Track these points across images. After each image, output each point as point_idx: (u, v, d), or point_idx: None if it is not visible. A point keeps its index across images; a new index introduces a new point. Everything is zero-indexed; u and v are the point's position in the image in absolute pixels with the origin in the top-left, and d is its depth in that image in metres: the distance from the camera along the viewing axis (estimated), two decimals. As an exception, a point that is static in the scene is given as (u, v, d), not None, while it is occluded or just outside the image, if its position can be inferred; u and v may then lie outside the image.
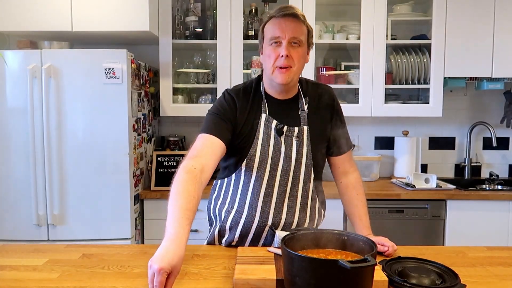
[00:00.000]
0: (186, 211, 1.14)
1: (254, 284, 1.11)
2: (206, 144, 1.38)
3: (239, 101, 1.48)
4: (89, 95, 2.41)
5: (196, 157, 1.32)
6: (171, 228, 1.09)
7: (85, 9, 2.50)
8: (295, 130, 1.48)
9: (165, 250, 1.03)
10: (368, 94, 2.84)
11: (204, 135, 1.41)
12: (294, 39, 1.40)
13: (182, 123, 3.19)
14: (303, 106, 1.52)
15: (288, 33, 1.39)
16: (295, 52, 1.41)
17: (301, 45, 1.42)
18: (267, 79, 1.49)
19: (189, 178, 1.23)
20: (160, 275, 0.97)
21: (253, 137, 1.46)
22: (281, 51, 1.40)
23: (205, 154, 1.35)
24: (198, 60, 2.97)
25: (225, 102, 1.49)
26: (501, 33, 2.78)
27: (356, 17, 2.87)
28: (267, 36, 1.44)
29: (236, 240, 1.51)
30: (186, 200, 1.16)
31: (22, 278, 1.24)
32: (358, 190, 1.60)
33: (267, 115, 1.48)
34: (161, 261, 0.99)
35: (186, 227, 1.10)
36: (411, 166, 3.04)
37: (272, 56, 1.42)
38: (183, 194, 1.18)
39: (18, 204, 2.47)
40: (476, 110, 3.21)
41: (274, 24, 1.42)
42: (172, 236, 1.07)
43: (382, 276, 1.13)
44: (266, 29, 1.46)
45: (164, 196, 2.62)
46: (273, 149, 1.47)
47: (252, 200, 1.47)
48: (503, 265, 1.35)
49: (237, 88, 1.53)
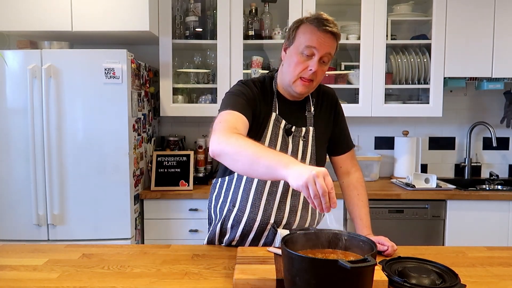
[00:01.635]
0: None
1: (254, 284, 1.11)
2: (237, 120, 1.33)
3: (258, 92, 1.47)
4: (89, 95, 2.41)
5: (233, 128, 1.27)
6: (282, 156, 1.10)
7: (85, 9, 2.50)
8: (302, 131, 1.50)
9: (303, 166, 1.03)
10: (368, 94, 2.84)
11: (229, 111, 1.34)
12: (326, 54, 1.39)
13: (182, 123, 3.19)
14: (310, 108, 1.54)
15: (323, 49, 1.38)
16: (321, 69, 1.41)
17: (328, 62, 1.43)
18: (284, 82, 1.49)
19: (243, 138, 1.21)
20: (327, 175, 1.00)
21: (260, 135, 1.46)
22: (311, 65, 1.39)
23: (240, 129, 1.30)
24: (198, 60, 2.97)
25: (247, 87, 1.46)
26: (501, 33, 2.78)
27: (356, 17, 2.87)
28: (301, 42, 1.39)
29: (237, 239, 1.51)
30: (260, 146, 1.18)
31: (22, 278, 1.24)
32: (359, 190, 1.61)
33: (276, 114, 1.49)
34: (314, 168, 1.00)
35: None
36: (411, 166, 3.04)
37: (299, 66, 1.40)
38: (253, 142, 1.18)
39: (18, 204, 2.47)
40: (476, 110, 3.21)
41: (312, 34, 1.38)
42: (290, 160, 1.07)
43: (382, 276, 1.13)
44: (300, 32, 1.41)
45: (164, 196, 2.62)
46: (280, 149, 1.47)
47: (255, 199, 1.47)
48: (503, 265, 1.35)
49: (253, 80, 1.52)
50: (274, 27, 2.90)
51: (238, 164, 1.18)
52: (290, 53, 1.43)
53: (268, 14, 2.90)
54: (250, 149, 1.14)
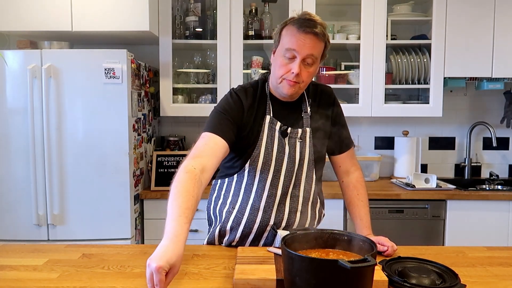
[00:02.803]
0: (185, 210, 1.13)
1: (254, 284, 1.11)
2: (209, 144, 1.37)
3: (246, 102, 1.47)
4: (89, 95, 2.41)
5: (197, 157, 1.31)
6: (170, 227, 1.09)
7: (85, 9, 2.50)
8: (298, 132, 1.49)
9: (164, 248, 1.03)
10: (368, 94, 2.84)
11: (208, 134, 1.39)
12: (309, 56, 1.37)
13: (182, 123, 3.19)
14: (306, 109, 1.52)
15: (304, 51, 1.36)
16: (306, 71, 1.39)
17: (314, 63, 1.40)
18: (272, 84, 1.49)
19: (188, 177, 1.22)
20: (159, 273, 0.97)
21: (257, 138, 1.46)
22: (292, 68, 1.37)
23: (207, 155, 1.34)
24: (198, 60, 2.97)
25: (232, 102, 1.47)
26: (501, 33, 2.78)
27: (356, 17, 2.87)
28: (283, 45, 1.39)
29: (237, 240, 1.51)
30: (185, 199, 1.16)
31: (22, 278, 1.24)
32: (359, 190, 1.60)
33: (271, 116, 1.48)
34: (160, 259, 0.99)
35: (185, 225, 1.10)
36: (411, 166, 3.04)
37: (282, 68, 1.40)
38: (182, 193, 1.18)
39: (18, 204, 2.47)
40: (476, 110, 3.21)
41: (292, 35, 1.37)
42: (171, 235, 1.06)
43: (382, 276, 1.13)
44: (283, 35, 1.41)
45: (164, 196, 2.62)
46: (277, 151, 1.47)
47: (254, 201, 1.47)
48: (503, 265, 1.35)
49: (244, 87, 1.52)
50: (274, 27, 2.90)
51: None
52: (276, 55, 1.43)
53: (268, 14, 2.90)
54: (171, 201, 1.17)
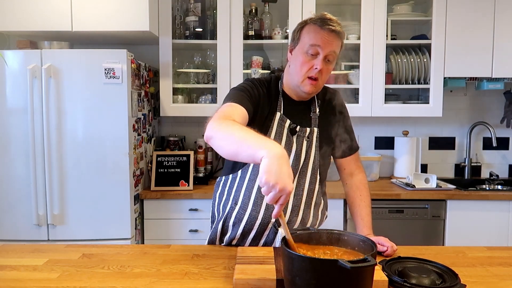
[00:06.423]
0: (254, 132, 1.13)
1: (254, 284, 1.11)
2: (236, 110, 1.34)
3: (263, 91, 1.50)
4: (89, 95, 2.41)
5: (228, 117, 1.27)
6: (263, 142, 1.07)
7: (85, 9, 2.50)
8: (306, 131, 1.51)
9: (286, 167, 1.02)
10: (368, 94, 2.84)
11: (231, 103, 1.37)
12: (331, 52, 1.41)
13: (182, 123, 3.19)
14: (315, 109, 1.55)
15: (328, 47, 1.40)
16: (326, 68, 1.44)
17: (333, 61, 1.45)
18: (292, 83, 1.50)
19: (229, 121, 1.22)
20: (289, 197, 1.01)
21: (265, 134, 1.46)
22: (316, 64, 1.41)
23: (236, 117, 1.31)
24: (198, 60, 2.97)
25: (252, 84, 1.50)
26: (501, 33, 2.78)
27: (356, 17, 2.87)
28: (306, 42, 1.43)
29: (237, 237, 1.51)
30: (243, 127, 1.17)
31: (22, 278, 1.24)
32: (362, 191, 1.62)
33: (281, 114, 1.50)
34: (290, 183, 1.00)
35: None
36: (411, 166, 3.04)
37: (305, 66, 1.43)
38: (236, 124, 1.18)
39: (18, 204, 2.47)
40: (476, 110, 3.21)
41: (316, 32, 1.41)
42: (279, 150, 1.04)
43: (382, 276, 1.13)
44: (304, 33, 1.45)
45: (164, 196, 2.62)
46: (284, 148, 1.47)
47: (257, 197, 1.48)
48: (503, 265, 1.35)
49: (260, 79, 1.55)
50: (274, 27, 2.90)
51: (225, 148, 1.16)
52: (296, 53, 1.46)
53: (268, 14, 2.90)
54: (237, 133, 1.14)
